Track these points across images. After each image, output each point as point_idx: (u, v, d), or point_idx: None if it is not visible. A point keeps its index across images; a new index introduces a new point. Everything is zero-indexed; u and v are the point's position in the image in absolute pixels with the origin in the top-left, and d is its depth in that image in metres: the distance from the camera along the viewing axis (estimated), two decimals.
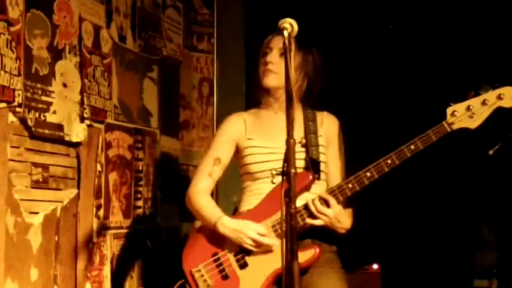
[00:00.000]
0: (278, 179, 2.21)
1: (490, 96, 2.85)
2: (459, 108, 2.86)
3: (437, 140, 2.85)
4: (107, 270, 3.62)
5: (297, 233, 2.03)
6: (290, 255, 1.92)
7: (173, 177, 4.33)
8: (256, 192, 2.98)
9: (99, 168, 3.58)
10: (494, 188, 4.62)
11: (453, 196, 4.76)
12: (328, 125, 3.05)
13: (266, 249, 2.83)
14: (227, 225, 2.89)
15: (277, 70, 2.94)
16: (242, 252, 2.89)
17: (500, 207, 4.56)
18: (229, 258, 2.90)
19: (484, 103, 2.85)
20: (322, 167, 2.95)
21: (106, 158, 3.64)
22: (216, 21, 4.69)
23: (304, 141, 2.93)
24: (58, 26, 3.27)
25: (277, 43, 2.94)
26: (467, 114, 2.86)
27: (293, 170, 2.05)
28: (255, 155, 2.97)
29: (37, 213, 3.14)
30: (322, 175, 2.96)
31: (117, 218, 3.73)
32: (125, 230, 3.80)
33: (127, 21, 3.87)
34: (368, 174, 2.81)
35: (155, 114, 4.14)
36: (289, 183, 1.99)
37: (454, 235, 4.70)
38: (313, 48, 3.03)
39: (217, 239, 2.93)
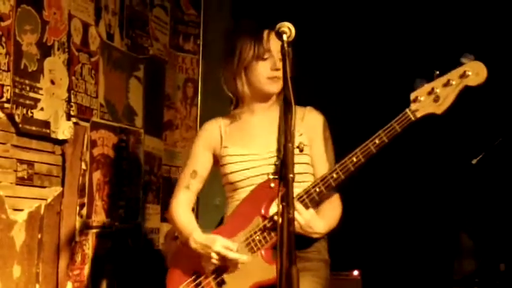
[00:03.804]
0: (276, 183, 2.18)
1: (454, 75, 2.56)
2: (421, 92, 2.59)
3: (402, 130, 2.59)
4: (88, 270, 3.60)
5: (294, 239, 1.98)
6: (288, 261, 1.88)
7: (156, 178, 4.31)
8: (236, 205, 2.86)
9: (83, 166, 3.55)
10: (474, 196, 4.66)
11: (433, 203, 4.78)
12: (310, 121, 2.86)
13: (235, 264, 2.71)
14: (198, 240, 2.78)
15: (280, 76, 2.73)
16: (220, 270, 2.77)
17: (480, 215, 4.59)
18: (208, 277, 2.80)
19: (447, 84, 2.56)
20: (300, 168, 2.74)
21: (91, 157, 3.62)
22: (202, 22, 4.68)
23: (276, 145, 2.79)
24: (48, 22, 3.24)
25: (276, 46, 2.72)
26: (430, 98, 2.58)
27: (291, 175, 2.00)
28: (232, 164, 2.84)
29: (21, 210, 3.11)
30: (305, 176, 2.80)
31: (99, 217, 3.71)
32: (107, 230, 3.77)
33: (115, 19, 3.85)
34: (334, 175, 2.62)
35: (140, 113, 4.12)
36: (287, 188, 1.95)
37: (434, 243, 4.73)
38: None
39: (196, 257, 2.82)
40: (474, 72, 2.53)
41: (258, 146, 2.83)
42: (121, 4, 3.90)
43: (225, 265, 2.74)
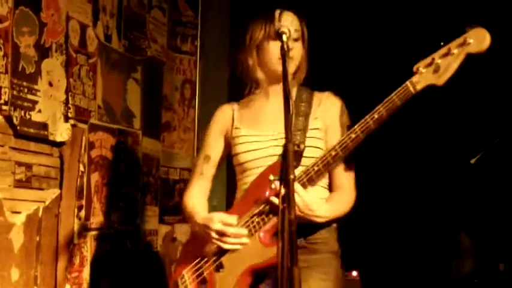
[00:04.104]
0: (277, 184, 2.15)
1: (454, 44, 2.47)
2: (422, 64, 2.51)
3: (402, 104, 2.50)
4: (86, 272, 3.58)
5: (296, 239, 1.95)
6: (290, 261, 1.87)
7: (154, 179, 4.30)
8: (244, 188, 2.82)
9: (81, 168, 3.54)
10: (473, 196, 4.65)
11: (431, 204, 4.78)
12: (327, 106, 2.79)
13: (236, 243, 2.65)
14: (198, 222, 2.77)
15: (293, 56, 2.72)
16: (219, 253, 2.74)
17: (479, 215, 4.59)
18: (208, 261, 2.77)
19: (448, 53, 2.47)
20: (310, 152, 2.70)
21: (89, 159, 3.60)
22: (200, 23, 4.67)
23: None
24: (46, 24, 3.23)
25: (288, 24, 2.64)
26: (431, 69, 2.49)
27: (292, 176, 1.98)
28: (241, 144, 2.81)
29: (19, 212, 3.10)
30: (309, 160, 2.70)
31: (98, 219, 3.69)
32: (105, 232, 3.76)
33: (113, 21, 3.84)
34: (333, 152, 2.57)
35: (138, 115, 4.11)
36: (288, 190, 1.93)
37: (432, 243, 4.72)
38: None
39: (202, 242, 2.80)
40: (476, 39, 2.43)
41: (267, 127, 2.78)
42: (119, 5, 3.89)
43: (225, 248, 2.69)
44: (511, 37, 4.14)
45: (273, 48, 2.75)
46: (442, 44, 2.49)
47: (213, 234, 2.68)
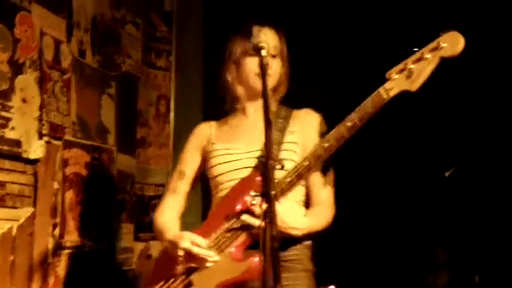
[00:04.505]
0: (258, 199, 2.12)
1: (427, 48, 2.43)
2: (395, 70, 2.46)
3: (375, 111, 2.46)
4: None
5: (277, 254, 1.92)
6: (273, 280, 1.84)
7: (129, 196, 4.25)
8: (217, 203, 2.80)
9: (56, 186, 3.49)
10: (448, 210, 4.67)
11: (407, 218, 4.78)
12: (305, 121, 2.77)
13: (203, 263, 2.61)
14: (167, 238, 2.74)
15: (271, 73, 2.70)
16: (189, 271, 2.69)
17: (454, 229, 4.60)
18: (177, 279, 2.72)
19: (421, 58, 2.42)
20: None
21: (63, 176, 3.55)
22: (175, 38, 4.64)
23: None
24: (19, 40, 3.18)
25: (266, 40, 2.56)
26: (404, 74, 2.44)
27: (273, 192, 1.96)
28: (215, 158, 2.79)
29: None
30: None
31: (72, 237, 3.64)
32: (80, 250, 3.70)
33: (87, 36, 3.80)
34: (305, 163, 2.54)
35: (112, 131, 4.07)
36: (270, 205, 1.90)
37: (408, 257, 4.72)
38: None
39: (172, 260, 2.74)
40: (449, 42, 2.39)
41: (242, 142, 2.77)
42: (93, 20, 3.85)
43: (194, 266, 2.65)
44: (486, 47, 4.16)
45: (251, 64, 2.75)
46: (415, 50, 2.46)
47: (181, 253, 2.64)
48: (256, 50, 2.23)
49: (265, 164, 1.98)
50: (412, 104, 2.66)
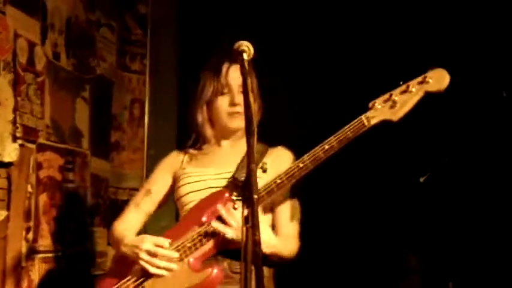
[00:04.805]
0: (239, 204, 2.11)
1: (414, 82, 2.49)
2: (380, 100, 2.51)
3: (354, 137, 2.49)
4: None
5: (261, 261, 1.90)
6: (256, 285, 1.82)
7: (102, 200, 4.22)
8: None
9: (29, 189, 3.44)
10: (421, 216, 4.68)
11: (379, 225, 4.79)
12: (278, 157, 2.76)
13: (164, 268, 2.58)
14: (126, 243, 2.69)
15: (243, 110, 2.61)
16: (144, 277, 2.64)
17: (427, 235, 4.62)
18: (129, 281, 2.68)
19: (407, 90, 2.48)
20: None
21: (37, 179, 3.51)
22: (149, 41, 4.62)
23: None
24: None
25: (235, 78, 2.70)
26: (387, 104, 2.49)
27: (255, 196, 1.94)
28: (183, 179, 2.80)
29: None
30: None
31: (46, 241, 3.60)
32: (53, 254, 3.66)
33: (61, 39, 3.76)
34: (278, 180, 2.54)
35: (86, 134, 4.03)
36: (252, 210, 1.89)
37: (380, 264, 4.73)
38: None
39: (126, 267, 2.71)
40: (435, 78, 2.46)
41: (214, 166, 2.78)
42: (67, 23, 3.82)
43: (150, 272, 2.61)
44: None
45: (221, 103, 2.78)
46: (401, 83, 2.51)
47: (142, 255, 2.61)
48: (238, 54, 2.21)
49: (248, 168, 1.96)
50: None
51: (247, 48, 2.21)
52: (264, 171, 2.41)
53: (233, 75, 2.73)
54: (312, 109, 4.67)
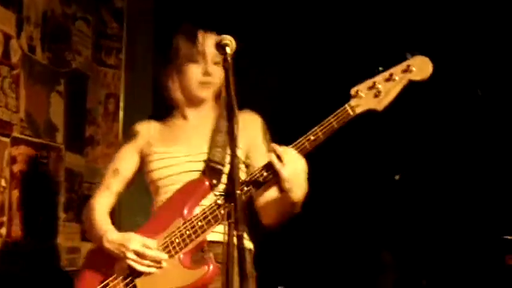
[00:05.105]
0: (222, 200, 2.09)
1: (397, 69, 2.43)
2: (363, 87, 2.44)
3: (340, 127, 2.43)
4: None
5: (244, 257, 1.89)
6: (241, 280, 1.82)
7: (76, 195, 4.18)
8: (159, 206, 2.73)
9: (3, 184, 3.40)
10: (395, 213, 4.71)
11: (354, 221, 4.82)
12: (246, 124, 2.62)
13: (154, 266, 2.53)
14: (111, 239, 2.61)
15: (214, 81, 2.73)
16: (132, 275, 2.58)
17: (401, 232, 4.65)
18: (117, 278, 2.61)
19: (390, 78, 2.42)
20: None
21: (11, 174, 3.47)
22: (125, 36, 4.58)
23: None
24: None
25: (210, 50, 2.66)
26: (371, 93, 2.42)
27: (238, 191, 1.92)
28: (154, 161, 2.74)
29: None
30: None
31: (19, 236, 3.55)
32: (26, 249, 3.62)
33: (37, 32, 3.72)
34: (265, 173, 2.45)
35: (61, 129, 3.99)
36: (235, 205, 1.87)
37: (356, 260, 4.76)
38: None
39: (109, 261, 2.63)
40: (418, 66, 2.41)
41: (182, 146, 2.73)
42: (43, 16, 3.77)
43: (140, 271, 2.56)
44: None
45: (193, 72, 2.73)
46: (380, 68, 2.46)
47: (130, 255, 2.55)
48: (221, 47, 2.19)
49: (232, 162, 1.95)
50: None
51: (230, 42, 2.18)
52: (247, 166, 2.37)
53: (208, 44, 2.67)
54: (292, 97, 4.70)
